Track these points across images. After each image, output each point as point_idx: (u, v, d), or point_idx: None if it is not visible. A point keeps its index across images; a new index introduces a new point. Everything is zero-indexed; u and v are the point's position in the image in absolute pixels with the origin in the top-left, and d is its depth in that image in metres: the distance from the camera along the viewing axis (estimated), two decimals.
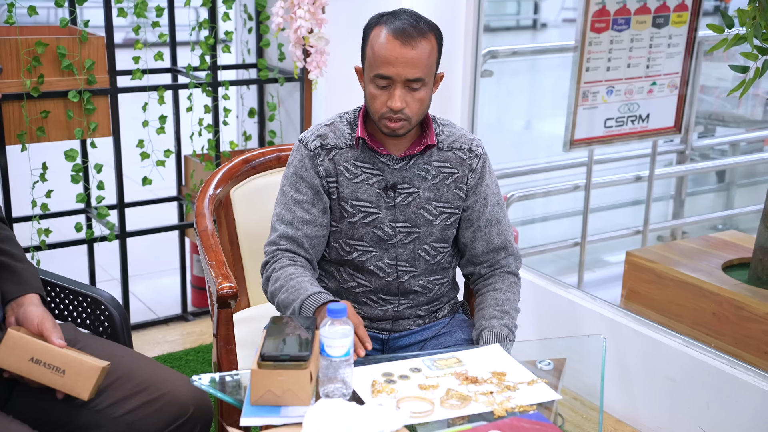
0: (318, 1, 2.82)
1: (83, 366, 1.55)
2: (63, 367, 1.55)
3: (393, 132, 1.76)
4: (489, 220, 1.90)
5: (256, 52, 3.48)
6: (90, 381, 1.55)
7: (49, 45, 2.75)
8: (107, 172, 3.09)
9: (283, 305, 1.78)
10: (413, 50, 1.70)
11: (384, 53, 1.71)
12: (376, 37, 1.73)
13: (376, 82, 1.73)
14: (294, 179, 1.86)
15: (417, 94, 1.74)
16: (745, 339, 2.57)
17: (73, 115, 2.84)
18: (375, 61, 1.72)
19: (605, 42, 2.99)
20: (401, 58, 1.70)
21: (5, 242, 1.76)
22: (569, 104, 3.01)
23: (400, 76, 1.71)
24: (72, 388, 1.54)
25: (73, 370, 1.55)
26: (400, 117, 1.74)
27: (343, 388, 1.47)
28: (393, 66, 1.70)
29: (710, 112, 4.77)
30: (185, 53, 3.33)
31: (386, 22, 1.74)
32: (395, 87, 1.72)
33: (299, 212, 1.84)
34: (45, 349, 1.56)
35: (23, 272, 1.72)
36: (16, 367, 1.54)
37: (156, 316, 3.43)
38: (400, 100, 1.71)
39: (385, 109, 1.73)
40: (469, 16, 3.07)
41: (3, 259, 1.72)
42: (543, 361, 1.67)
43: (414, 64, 1.71)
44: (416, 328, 1.91)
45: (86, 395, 1.55)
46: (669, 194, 4.44)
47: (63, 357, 1.55)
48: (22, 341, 1.55)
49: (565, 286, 2.99)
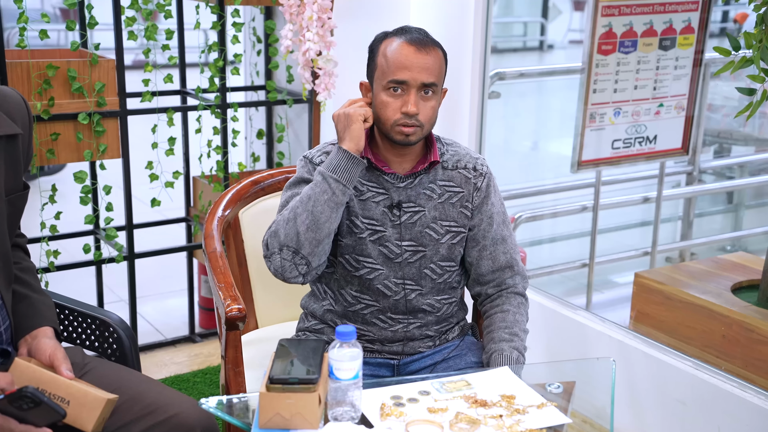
0: (326, 24, 2.84)
1: (87, 397, 1.54)
2: (67, 398, 1.54)
3: (406, 138, 1.77)
4: (494, 238, 1.90)
5: (264, 74, 3.50)
6: (94, 413, 1.54)
7: (60, 68, 2.77)
8: (116, 194, 3.10)
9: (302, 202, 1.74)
10: (428, 55, 1.75)
11: (400, 58, 1.74)
12: (387, 47, 1.77)
13: (390, 88, 1.75)
14: (297, 182, 1.86)
15: (429, 102, 1.77)
16: (756, 362, 2.55)
17: (82, 137, 2.86)
18: (390, 67, 1.75)
19: (612, 64, 3.00)
20: (417, 63, 1.73)
21: (26, 273, 1.77)
22: (577, 125, 3.01)
23: (415, 80, 1.73)
24: (76, 420, 1.53)
25: (78, 402, 1.54)
26: (414, 123, 1.75)
27: (352, 411, 1.46)
28: (409, 70, 1.73)
29: (718, 130, 4.76)
30: (194, 75, 3.36)
31: (397, 34, 1.78)
32: (410, 92, 1.74)
33: None
34: (51, 379, 1.55)
35: (39, 305, 1.73)
36: None
37: (163, 338, 3.43)
38: (414, 104, 1.74)
39: (399, 116, 1.75)
40: (477, 37, 3.08)
41: (22, 290, 1.73)
42: (552, 384, 1.66)
43: (429, 69, 1.74)
44: (427, 350, 1.91)
45: (90, 427, 1.53)
46: (677, 215, 4.42)
47: (68, 388, 1.54)
48: (29, 370, 1.55)
49: (574, 308, 2.98)
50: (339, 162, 1.74)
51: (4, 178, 1.64)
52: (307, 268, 1.78)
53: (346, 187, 1.74)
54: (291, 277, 1.79)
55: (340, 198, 1.74)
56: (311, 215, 1.73)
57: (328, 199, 1.73)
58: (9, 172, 1.65)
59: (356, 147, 1.74)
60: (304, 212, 1.74)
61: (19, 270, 1.75)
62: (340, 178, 1.73)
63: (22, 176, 1.71)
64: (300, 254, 1.75)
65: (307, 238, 1.74)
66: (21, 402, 1.47)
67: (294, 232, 1.74)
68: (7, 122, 1.62)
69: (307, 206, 1.74)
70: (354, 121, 1.74)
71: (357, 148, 1.74)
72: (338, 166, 1.74)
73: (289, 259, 1.76)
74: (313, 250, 1.75)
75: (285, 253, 1.76)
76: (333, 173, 1.73)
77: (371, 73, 1.82)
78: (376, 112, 1.79)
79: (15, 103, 1.68)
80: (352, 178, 1.75)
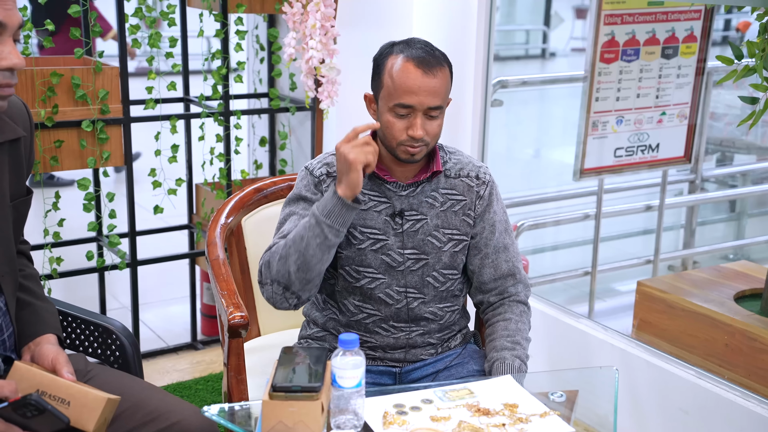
0: (329, 32, 2.85)
1: (88, 397, 1.54)
2: (68, 399, 1.53)
3: (411, 158, 1.77)
4: (497, 247, 1.90)
5: (267, 82, 3.51)
6: (95, 413, 1.53)
7: (64, 75, 2.78)
8: (119, 201, 3.11)
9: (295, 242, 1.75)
10: (435, 79, 1.73)
11: (406, 82, 1.72)
12: (393, 66, 1.74)
13: (396, 110, 1.74)
14: (296, 199, 1.87)
15: (435, 121, 1.76)
16: (758, 371, 2.55)
17: (86, 145, 2.87)
18: (396, 90, 1.73)
19: (615, 72, 3.00)
20: (424, 87, 1.72)
21: (29, 280, 1.77)
22: (579, 133, 3.02)
23: (422, 104, 1.72)
24: (77, 420, 1.53)
25: (78, 402, 1.53)
26: (420, 144, 1.75)
27: (355, 420, 1.46)
28: (416, 95, 1.72)
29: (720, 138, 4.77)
30: (198, 83, 3.37)
31: (403, 50, 1.75)
32: (416, 116, 1.73)
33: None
34: (51, 381, 1.55)
35: (42, 312, 1.73)
36: None
37: (166, 345, 3.43)
38: (422, 129, 1.73)
39: (405, 137, 1.74)
40: (480, 46, 3.09)
41: (25, 298, 1.73)
42: (555, 393, 1.66)
43: (436, 93, 1.73)
44: (429, 358, 1.91)
45: (91, 427, 1.52)
46: (679, 223, 4.42)
47: (68, 389, 1.54)
48: (29, 373, 1.55)
49: (576, 316, 2.98)
50: (333, 208, 1.72)
51: (8, 184, 1.64)
52: (297, 301, 1.80)
53: (340, 231, 1.73)
54: (282, 307, 1.82)
55: (333, 241, 1.74)
56: (303, 257, 1.74)
57: (320, 243, 1.73)
58: (13, 176, 1.66)
59: (352, 194, 1.71)
60: (295, 253, 1.74)
61: (23, 277, 1.76)
62: (333, 224, 1.72)
63: (25, 181, 1.72)
64: (290, 290, 1.78)
65: (298, 277, 1.76)
66: (25, 410, 1.47)
67: (285, 270, 1.76)
68: (10, 126, 1.63)
69: (299, 247, 1.74)
70: (353, 170, 1.69)
71: (353, 195, 1.72)
72: (332, 211, 1.72)
73: (280, 293, 1.79)
74: (303, 287, 1.78)
75: (276, 287, 1.78)
76: (326, 219, 1.71)
77: (377, 88, 1.80)
78: (381, 128, 1.79)
79: (17, 107, 1.69)
80: (346, 222, 1.73)
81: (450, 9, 3.12)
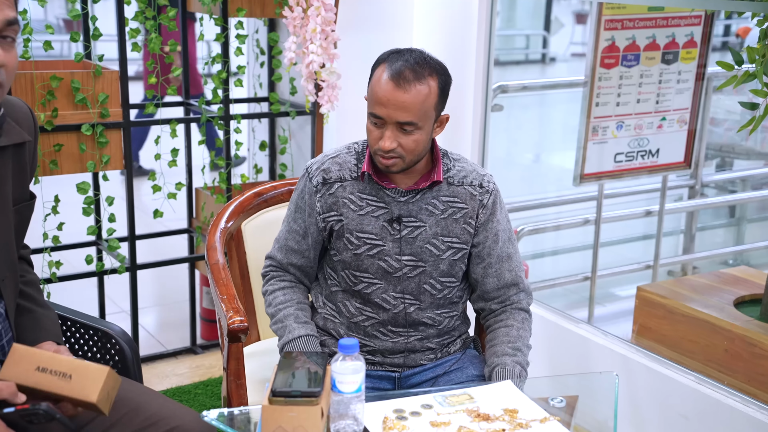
0: (330, 36, 2.85)
1: (89, 369, 1.52)
2: (69, 372, 1.51)
3: (387, 168, 1.78)
4: (500, 256, 1.90)
5: (267, 86, 3.51)
6: (97, 383, 1.50)
7: (64, 79, 2.78)
8: (119, 205, 3.11)
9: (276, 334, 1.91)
10: (406, 94, 1.71)
11: (378, 93, 1.73)
12: (376, 75, 1.76)
13: (372, 119, 1.76)
14: (294, 208, 1.93)
15: (411, 136, 1.74)
16: (758, 376, 2.54)
17: (86, 148, 2.86)
18: (371, 99, 1.76)
19: (615, 77, 3.00)
20: (393, 101, 1.71)
21: (29, 286, 1.76)
22: (579, 138, 3.02)
23: (391, 118, 1.73)
24: (80, 392, 1.50)
25: (80, 374, 1.51)
26: (392, 155, 1.75)
27: (354, 425, 1.46)
28: (385, 107, 1.72)
29: (720, 144, 4.77)
30: None
31: (390, 60, 1.75)
32: (387, 128, 1.74)
33: (291, 241, 1.93)
34: (51, 358, 1.54)
35: (43, 318, 1.72)
36: (24, 378, 1.51)
37: (165, 349, 3.42)
38: (389, 141, 1.73)
39: (377, 146, 1.76)
40: (480, 50, 3.09)
41: (25, 304, 1.72)
42: (555, 398, 1.65)
43: (405, 108, 1.71)
44: (429, 363, 1.90)
45: (94, 397, 1.49)
46: (679, 229, 4.42)
47: (69, 363, 1.53)
48: (28, 353, 1.54)
49: (576, 321, 2.97)
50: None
51: (12, 188, 1.64)
52: None
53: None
54: None
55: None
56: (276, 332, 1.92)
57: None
58: (16, 181, 1.65)
59: None
60: (273, 326, 1.92)
61: (23, 283, 1.75)
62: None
63: (28, 185, 1.71)
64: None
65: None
66: (33, 417, 1.47)
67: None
68: (16, 130, 1.62)
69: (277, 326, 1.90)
70: None
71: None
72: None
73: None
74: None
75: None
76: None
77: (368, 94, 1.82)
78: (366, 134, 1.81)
79: (22, 111, 1.68)
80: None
81: (451, 13, 3.12)
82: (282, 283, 1.94)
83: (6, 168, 1.61)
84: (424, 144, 1.77)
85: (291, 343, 1.84)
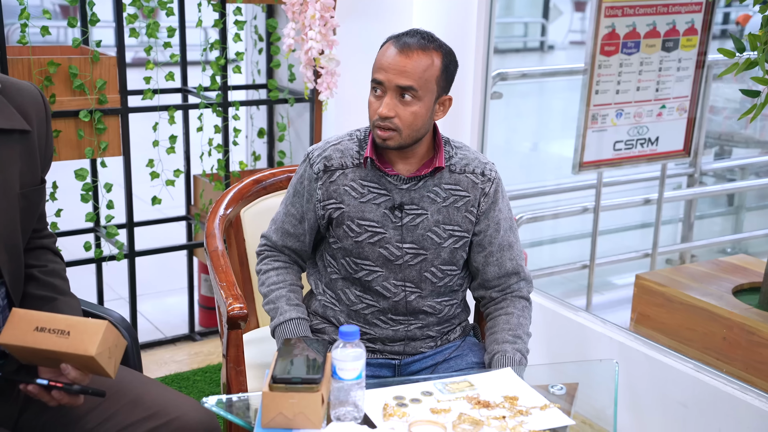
0: (329, 23, 2.83)
1: (87, 324, 1.52)
2: (68, 329, 1.51)
3: (383, 142, 1.77)
4: (501, 245, 1.89)
5: (266, 73, 3.50)
6: (95, 336, 1.50)
7: (61, 65, 2.76)
8: (117, 192, 3.10)
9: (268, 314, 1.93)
10: (408, 59, 1.73)
11: (381, 59, 1.76)
12: (383, 48, 1.78)
13: (373, 87, 1.77)
14: (293, 192, 1.93)
15: (409, 107, 1.74)
16: (756, 364, 2.55)
17: (83, 135, 2.85)
18: (374, 68, 1.77)
19: (615, 65, 2.99)
20: (394, 65, 1.73)
21: (52, 275, 1.74)
22: (578, 126, 3.01)
23: (390, 81, 1.73)
24: (78, 347, 1.50)
25: (78, 330, 1.51)
26: (388, 125, 1.74)
27: (355, 412, 1.46)
28: (385, 71, 1.74)
29: (719, 132, 4.76)
30: (196, 73, 3.35)
31: (399, 36, 1.78)
32: (387, 94, 1.74)
33: (287, 224, 1.93)
34: (49, 318, 1.53)
35: (63, 306, 1.69)
36: (22, 339, 1.51)
37: (163, 336, 3.42)
38: (387, 107, 1.73)
39: (376, 117, 1.75)
40: (480, 38, 3.07)
41: (47, 294, 1.70)
42: (555, 386, 1.65)
43: (405, 73, 1.72)
44: (428, 351, 1.90)
45: (93, 350, 1.49)
46: (678, 217, 4.42)
47: (66, 320, 1.52)
48: (27, 315, 1.54)
49: (575, 309, 2.97)
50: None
51: (20, 172, 1.62)
52: None
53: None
54: None
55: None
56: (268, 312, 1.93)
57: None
58: (25, 166, 1.63)
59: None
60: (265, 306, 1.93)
61: (43, 273, 1.72)
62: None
63: (40, 170, 1.69)
64: None
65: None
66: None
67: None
68: (16, 117, 1.60)
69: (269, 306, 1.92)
70: None
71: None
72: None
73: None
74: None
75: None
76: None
77: None
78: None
79: (30, 97, 1.65)
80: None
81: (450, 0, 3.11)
82: (276, 263, 1.95)
83: (12, 153, 1.59)
84: (422, 120, 1.76)
85: (282, 326, 1.85)
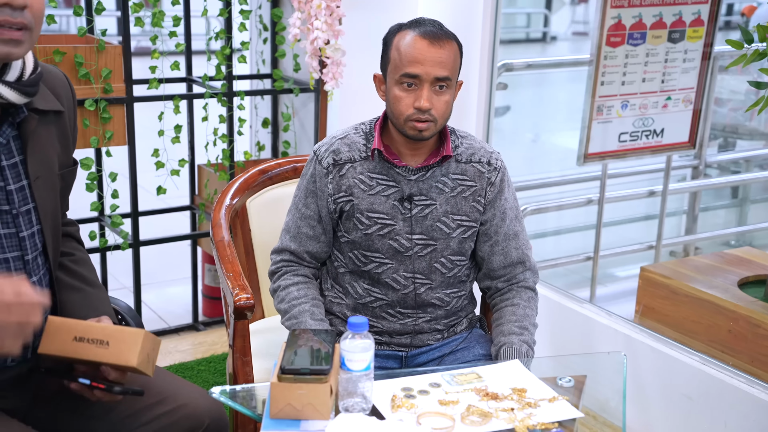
0: (335, 13, 2.82)
1: (124, 334, 1.54)
2: (106, 339, 1.54)
3: (419, 134, 1.75)
4: (507, 234, 1.89)
5: (271, 63, 3.48)
6: (135, 346, 1.53)
7: (67, 54, 2.75)
8: (121, 181, 3.09)
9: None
10: (441, 49, 1.72)
11: (413, 52, 1.72)
12: (401, 40, 1.75)
13: (403, 82, 1.73)
14: (304, 193, 1.89)
15: (443, 96, 1.74)
16: (762, 357, 2.54)
17: (89, 124, 2.84)
18: (402, 60, 1.73)
19: (620, 56, 2.98)
20: (430, 57, 1.71)
21: (80, 265, 1.74)
22: (583, 118, 3.00)
23: (428, 74, 1.71)
24: (119, 357, 1.53)
25: (117, 340, 1.53)
26: (427, 117, 1.73)
27: (363, 403, 1.45)
28: (422, 64, 1.71)
29: (724, 124, 4.75)
30: (201, 63, 3.34)
31: (411, 27, 1.76)
32: (422, 87, 1.72)
33: (304, 228, 1.88)
34: (86, 327, 1.55)
35: (92, 297, 1.70)
36: (62, 350, 1.53)
37: (167, 326, 3.42)
38: (427, 100, 1.72)
39: (411, 111, 1.73)
40: (486, 29, 3.06)
41: (76, 283, 1.70)
42: (563, 378, 1.65)
43: (442, 63, 1.72)
44: (435, 343, 1.90)
45: (134, 361, 1.52)
46: (682, 209, 4.42)
47: (104, 330, 1.54)
48: (64, 325, 1.55)
49: (579, 301, 2.97)
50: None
51: (57, 153, 1.63)
52: None
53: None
54: None
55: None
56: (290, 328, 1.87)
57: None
58: (60, 147, 1.65)
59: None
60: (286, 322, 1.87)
61: (73, 262, 1.73)
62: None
63: (71, 152, 1.70)
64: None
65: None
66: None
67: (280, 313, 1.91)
68: (50, 98, 1.62)
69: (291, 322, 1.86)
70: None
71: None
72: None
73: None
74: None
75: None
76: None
77: (384, 66, 1.80)
78: (390, 106, 1.78)
79: (59, 80, 1.67)
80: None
81: None
82: (296, 278, 1.89)
83: (50, 133, 1.61)
84: (451, 107, 1.78)
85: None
